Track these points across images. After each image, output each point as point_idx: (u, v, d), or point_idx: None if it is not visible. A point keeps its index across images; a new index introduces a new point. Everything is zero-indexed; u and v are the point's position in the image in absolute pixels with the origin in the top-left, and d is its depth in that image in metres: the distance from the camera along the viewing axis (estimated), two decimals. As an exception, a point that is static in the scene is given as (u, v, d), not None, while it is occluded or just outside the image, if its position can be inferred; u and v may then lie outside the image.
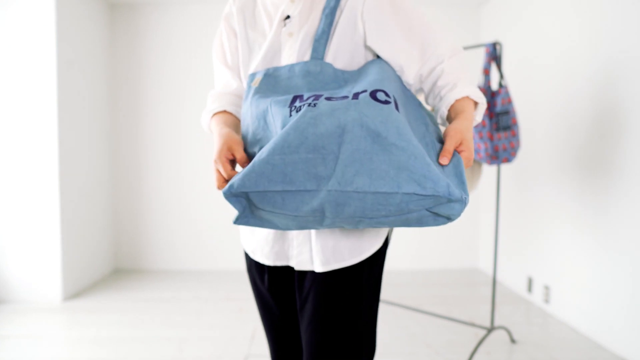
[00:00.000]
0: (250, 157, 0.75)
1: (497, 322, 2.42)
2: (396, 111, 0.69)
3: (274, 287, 0.89)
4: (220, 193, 3.59)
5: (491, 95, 2.16)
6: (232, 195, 0.68)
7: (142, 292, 3.05)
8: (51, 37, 2.72)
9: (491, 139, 2.14)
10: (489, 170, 3.42)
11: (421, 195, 0.63)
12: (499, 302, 2.79)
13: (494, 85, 3.00)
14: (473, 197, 3.65)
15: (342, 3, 0.81)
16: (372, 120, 0.65)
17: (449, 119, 0.78)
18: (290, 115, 0.69)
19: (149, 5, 3.53)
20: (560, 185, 2.51)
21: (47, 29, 2.72)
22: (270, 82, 0.80)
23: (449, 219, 0.68)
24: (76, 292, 2.99)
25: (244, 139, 0.78)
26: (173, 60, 3.58)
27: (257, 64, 0.85)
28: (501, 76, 2.14)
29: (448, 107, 0.78)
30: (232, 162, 0.75)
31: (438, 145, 0.73)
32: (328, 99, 0.71)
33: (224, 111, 0.87)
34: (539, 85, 2.76)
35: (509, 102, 2.11)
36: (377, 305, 0.84)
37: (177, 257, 3.65)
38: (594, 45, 2.23)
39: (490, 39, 3.42)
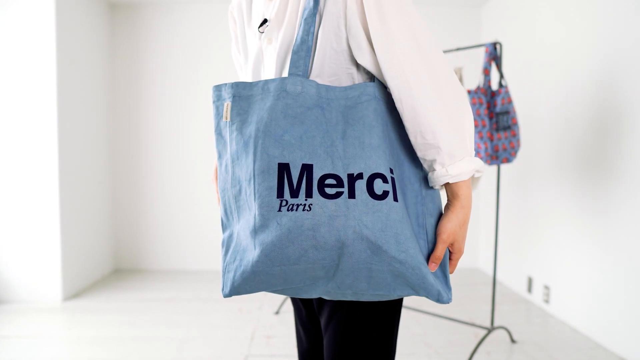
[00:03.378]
0: (225, 208, 0.75)
1: (497, 322, 2.42)
2: (394, 205, 0.66)
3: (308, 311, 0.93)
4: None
5: (491, 95, 2.16)
6: (231, 294, 0.72)
7: (142, 292, 3.05)
8: (51, 37, 2.72)
9: (491, 139, 2.14)
10: (488, 170, 3.41)
11: (413, 295, 0.70)
12: (499, 302, 2.79)
13: (494, 85, 3.00)
14: (473, 197, 3.65)
15: (320, 5, 0.69)
16: (372, 230, 0.64)
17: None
18: (280, 210, 0.64)
19: (149, 5, 3.53)
20: (560, 185, 2.51)
21: (47, 29, 2.72)
22: (242, 108, 0.69)
23: None
24: (76, 292, 2.99)
25: (222, 191, 0.75)
26: (173, 60, 3.58)
27: (248, 73, 0.82)
28: (501, 76, 2.14)
29: (439, 186, 0.73)
30: None
31: (430, 220, 0.72)
32: (322, 186, 0.64)
33: None
34: (539, 85, 2.75)
35: (509, 102, 2.11)
36: (393, 330, 0.80)
37: (177, 257, 3.65)
38: (594, 45, 2.23)
39: (490, 39, 3.42)
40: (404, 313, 2.59)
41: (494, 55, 2.12)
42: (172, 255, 3.66)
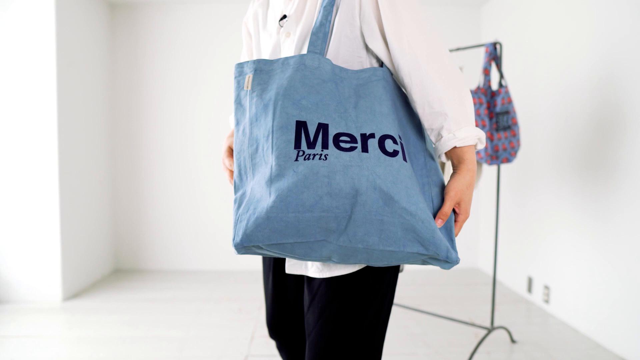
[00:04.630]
0: (239, 170, 0.75)
1: (497, 322, 2.42)
2: (404, 163, 0.71)
3: (277, 277, 0.99)
4: (218, 193, 3.60)
5: (491, 95, 2.16)
6: (244, 248, 0.68)
7: (142, 292, 3.05)
8: (51, 37, 2.72)
9: (491, 139, 2.14)
10: (489, 170, 3.42)
11: (423, 254, 0.70)
12: (499, 302, 2.79)
13: (494, 85, 3.00)
14: (473, 197, 3.65)
15: None
16: (384, 181, 0.67)
17: (449, 156, 0.78)
18: (297, 159, 0.67)
19: (149, 5, 3.53)
20: (561, 185, 2.51)
21: (47, 29, 2.72)
22: (263, 79, 0.75)
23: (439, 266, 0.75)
24: (76, 292, 2.99)
25: (238, 153, 0.76)
26: (174, 60, 3.58)
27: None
28: (501, 76, 2.14)
29: (444, 153, 0.77)
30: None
31: (435, 190, 0.76)
32: (337, 141, 0.69)
33: None
34: (539, 84, 2.75)
35: (509, 102, 2.11)
36: (385, 316, 0.83)
37: (177, 257, 3.65)
38: (595, 45, 2.23)
39: (490, 39, 3.42)
40: (404, 313, 2.60)
41: (494, 55, 2.12)
42: (172, 255, 3.66)
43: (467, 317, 2.54)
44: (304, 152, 0.67)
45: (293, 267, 0.85)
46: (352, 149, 0.68)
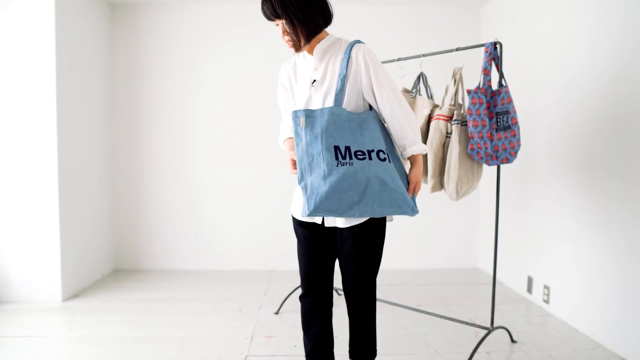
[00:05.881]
0: (301, 170, 1.34)
1: (497, 322, 2.42)
2: (389, 164, 1.34)
3: (311, 233, 1.51)
4: (218, 193, 3.61)
5: (491, 95, 2.16)
6: (311, 214, 1.28)
7: (142, 292, 3.05)
8: (51, 37, 2.72)
9: (491, 139, 2.14)
10: (489, 170, 3.41)
11: (398, 211, 1.35)
12: (499, 302, 2.79)
13: (494, 85, 2.99)
14: (473, 197, 3.65)
15: (348, 72, 1.38)
16: (381, 174, 1.30)
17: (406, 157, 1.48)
18: (337, 165, 1.27)
19: (149, 5, 3.53)
20: (560, 185, 2.51)
21: (47, 29, 2.72)
22: (310, 121, 1.32)
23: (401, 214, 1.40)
24: (76, 292, 2.99)
25: (300, 161, 1.34)
26: (173, 60, 3.58)
27: (300, 106, 1.47)
28: (501, 76, 2.14)
29: (407, 157, 1.46)
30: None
31: (403, 172, 1.43)
32: (356, 155, 1.30)
33: (290, 137, 1.54)
34: (539, 84, 2.75)
35: (509, 102, 2.11)
36: (383, 243, 1.47)
37: (177, 257, 3.65)
38: (595, 44, 2.23)
39: (490, 39, 3.42)
40: (404, 313, 2.61)
41: (494, 55, 2.12)
42: (172, 255, 3.66)
43: (467, 317, 2.54)
44: (340, 162, 1.28)
45: (329, 223, 1.41)
46: (364, 158, 1.30)
